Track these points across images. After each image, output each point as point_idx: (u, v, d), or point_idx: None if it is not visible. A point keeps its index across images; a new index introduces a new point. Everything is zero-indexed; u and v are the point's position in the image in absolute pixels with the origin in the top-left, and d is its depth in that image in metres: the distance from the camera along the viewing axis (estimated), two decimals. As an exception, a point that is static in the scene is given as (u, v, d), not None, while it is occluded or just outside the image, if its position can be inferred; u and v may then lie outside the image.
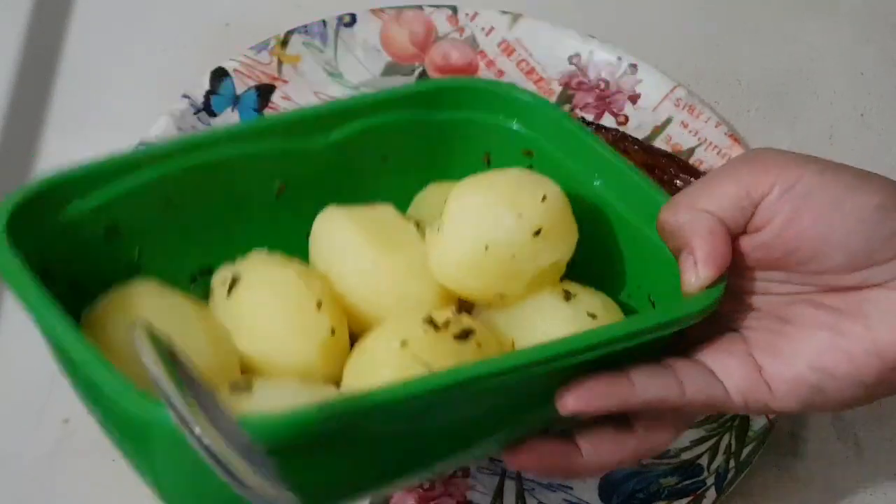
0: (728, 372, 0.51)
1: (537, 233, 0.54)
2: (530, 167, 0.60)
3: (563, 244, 0.56)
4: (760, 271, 0.52)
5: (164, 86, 0.81)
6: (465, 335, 0.53)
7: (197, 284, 0.57)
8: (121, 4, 0.88)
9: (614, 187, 0.58)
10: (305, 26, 0.81)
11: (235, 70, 0.79)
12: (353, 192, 0.60)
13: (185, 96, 0.77)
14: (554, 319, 0.56)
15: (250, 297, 0.54)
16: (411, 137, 0.61)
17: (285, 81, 0.80)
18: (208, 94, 0.78)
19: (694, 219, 0.51)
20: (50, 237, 0.51)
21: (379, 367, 0.52)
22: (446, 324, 0.53)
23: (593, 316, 0.56)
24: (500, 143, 0.62)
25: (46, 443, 0.70)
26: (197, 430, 0.37)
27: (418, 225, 0.59)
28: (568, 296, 0.57)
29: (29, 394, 0.71)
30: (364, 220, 0.58)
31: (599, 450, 0.51)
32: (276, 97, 0.79)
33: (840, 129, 0.82)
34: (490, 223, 0.55)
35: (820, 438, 0.71)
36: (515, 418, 0.52)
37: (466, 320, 0.54)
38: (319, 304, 0.54)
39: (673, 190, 0.72)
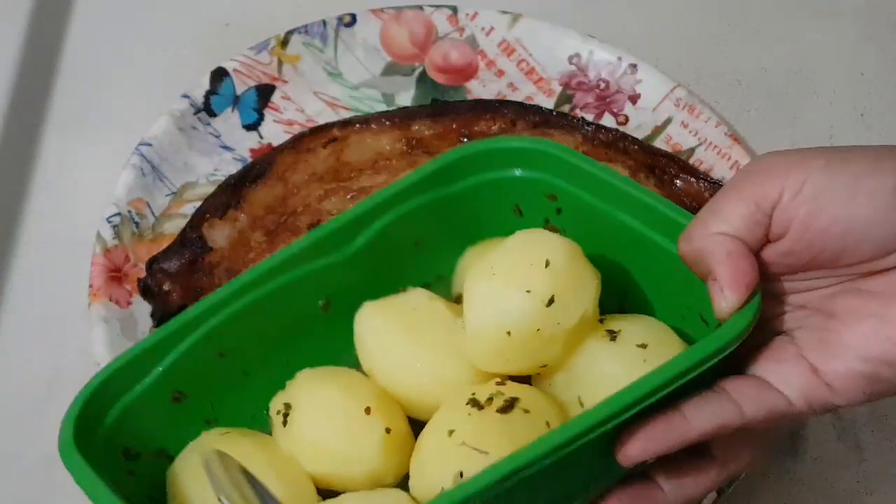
0: (785, 380, 0.51)
1: (551, 301, 0.54)
2: (558, 210, 0.61)
3: (583, 296, 0.56)
4: (796, 273, 0.52)
5: (164, 86, 0.81)
6: (509, 407, 0.53)
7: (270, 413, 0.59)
8: (121, 4, 0.88)
9: (641, 217, 0.57)
10: (305, 26, 0.81)
11: (235, 70, 0.79)
12: (393, 281, 0.61)
13: (185, 96, 0.77)
14: (607, 362, 0.56)
15: (305, 421, 0.56)
16: (438, 215, 0.61)
17: (285, 81, 0.80)
18: (208, 94, 0.78)
19: (710, 245, 0.50)
20: (121, 420, 0.55)
21: (434, 461, 0.54)
22: (490, 399, 0.53)
23: (643, 346, 0.56)
24: (526, 193, 0.62)
25: (46, 443, 0.70)
26: None
27: (458, 300, 0.60)
28: (612, 335, 0.57)
29: (29, 394, 0.71)
30: (397, 311, 0.59)
31: (682, 483, 0.52)
32: (276, 97, 0.79)
33: (840, 129, 0.82)
34: (503, 309, 0.54)
35: (820, 438, 0.71)
36: (586, 482, 0.52)
37: (511, 389, 0.54)
38: (368, 410, 0.56)
39: (673, 190, 0.73)
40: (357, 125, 0.75)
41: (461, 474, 0.51)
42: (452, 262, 0.64)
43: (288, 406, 0.57)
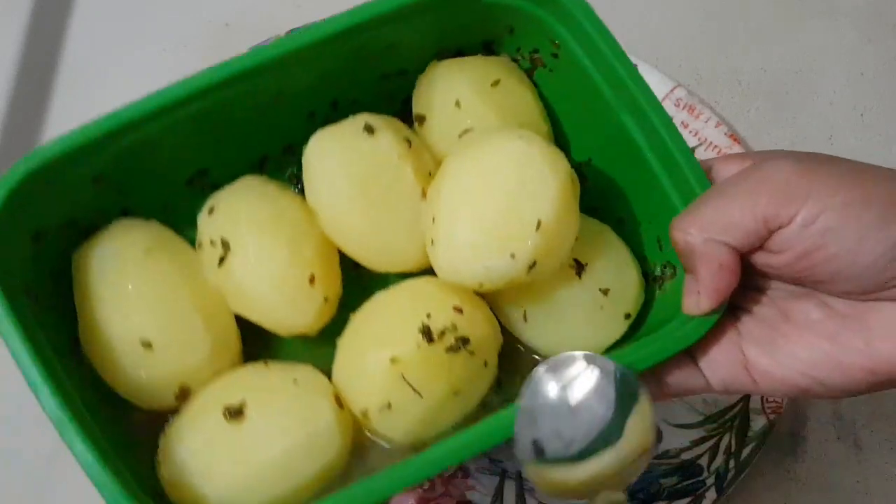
0: (713, 365, 0.52)
1: (532, 266, 0.52)
2: (554, 56, 0.57)
3: (565, 250, 0.54)
4: (768, 276, 0.52)
5: (164, 86, 0.80)
6: (457, 347, 0.53)
7: (193, 186, 0.57)
8: (121, 4, 0.88)
9: (640, 124, 0.54)
10: (305, 26, 0.81)
11: (235, 70, 0.79)
12: (355, 87, 0.58)
13: (185, 96, 0.77)
14: (567, 302, 0.56)
15: (243, 271, 0.54)
16: (422, 17, 0.56)
17: (285, 81, 0.80)
18: (208, 94, 0.78)
19: (706, 249, 0.49)
20: (44, 198, 0.51)
21: (369, 380, 0.53)
22: (442, 333, 0.52)
23: (605, 291, 0.56)
24: (527, 26, 0.58)
25: (46, 443, 0.70)
26: None
27: (420, 120, 0.58)
28: (579, 270, 0.56)
29: (29, 394, 0.71)
30: (356, 159, 0.55)
31: None
32: (276, 97, 0.79)
33: (840, 129, 0.82)
34: (482, 265, 0.52)
35: (820, 438, 0.71)
36: None
37: (466, 324, 0.53)
38: (312, 279, 0.54)
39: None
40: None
41: (389, 405, 0.52)
42: (422, 64, 0.60)
43: (226, 246, 0.54)
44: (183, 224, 0.57)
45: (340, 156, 0.55)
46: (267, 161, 0.59)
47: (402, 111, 0.61)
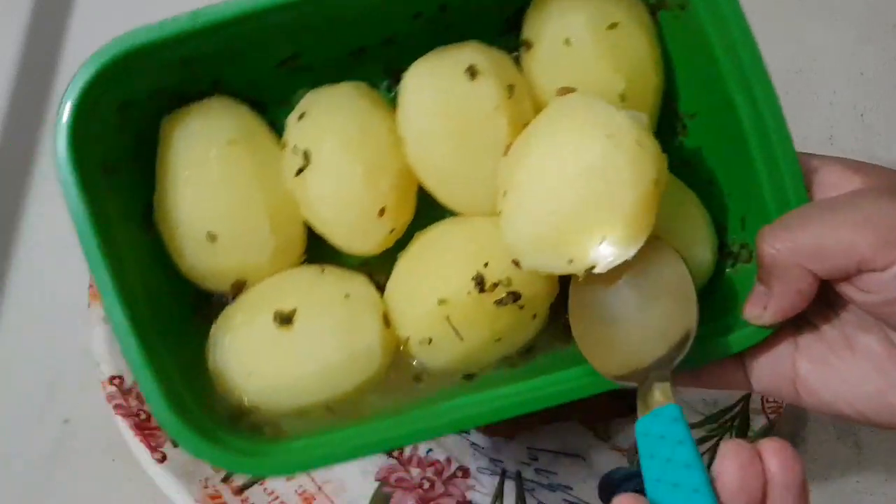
0: (760, 373, 0.51)
1: (590, 269, 0.50)
2: (681, 7, 0.53)
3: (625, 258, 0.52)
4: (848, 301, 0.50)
5: None
6: (507, 301, 0.52)
7: (284, 67, 0.56)
8: (121, 4, 0.88)
9: (748, 103, 0.52)
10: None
11: (235, 70, 0.79)
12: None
13: (185, 96, 0.77)
14: None
15: (317, 190, 0.53)
16: None
17: (285, 81, 0.79)
18: (208, 94, 0.78)
19: (789, 271, 0.48)
20: (132, 74, 0.52)
21: (415, 312, 0.53)
22: (495, 286, 0.52)
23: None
24: None
25: (46, 443, 0.70)
26: None
27: (527, 45, 0.55)
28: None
29: (29, 394, 0.72)
30: (453, 103, 0.53)
31: None
32: (276, 97, 0.79)
33: (840, 129, 0.82)
34: (537, 262, 0.51)
35: (820, 438, 0.71)
36: None
37: (520, 281, 0.53)
38: (382, 211, 0.53)
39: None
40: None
41: (430, 340, 0.53)
42: None
43: (307, 158, 0.53)
44: (270, 103, 0.57)
45: (437, 94, 0.53)
46: (365, 51, 0.57)
47: (516, 21, 0.57)
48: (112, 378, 0.68)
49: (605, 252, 0.49)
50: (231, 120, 0.54)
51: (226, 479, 0.67)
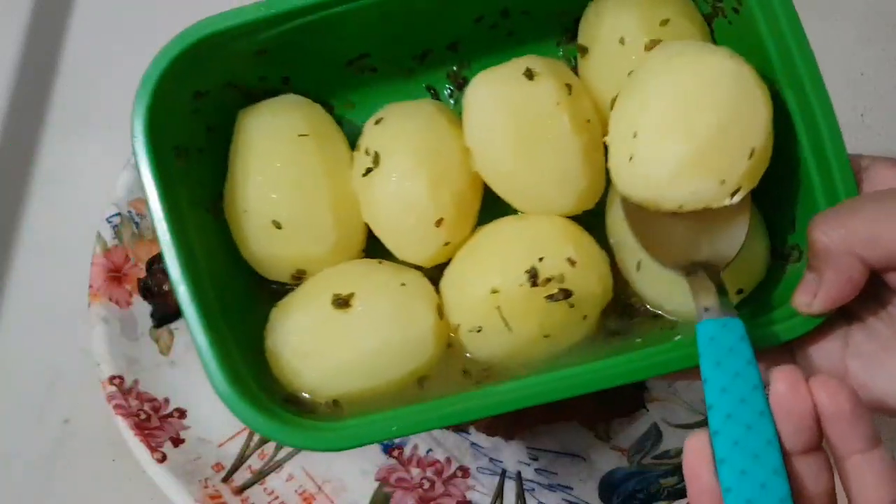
0: (808, 366, 0.51)
1: (734, 193, 0.51)
2: (735, 11, 0.54)
3: (758, 177, 0.52)
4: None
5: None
6: (558, 297, 0.53)
7: (352, 67, 0.59)
8: (120, 5, 0.88)
9: (800, 106, 0.53)
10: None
11: (235, 70, 0.79)
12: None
13: (185, 96, 0.77)
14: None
15: (381, 194, 0.55)
16: None
17: (285, 81, 0.80)
18: (208, 94, 0.78)
19: (842, 259, 0.47)
20: (207, 63, 0.55)
21: (468, 300, 0.54)
22: (546, 281, 0.53)
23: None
24: None
25: (46, 443, 0.70)
26: None
27: (583, 51, 0.57)
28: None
29: (29, 394, 0.72)
30: (515, 106, 0.54)
31: None
32: (276, 97, 0.79)
33: (840, 129, 0.82)
34: (687, 189, 0.50)
35: (820, 438, 0.71)
36: None
37: (575, 278, 0.53)
38: (440, 222, 0.55)
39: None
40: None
41: (479, 329, 0.54)
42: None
43: (377, 160, 0.55)
44: (336, 105, 0.59)
45: (499, 99, 0.55)
46: (429, 54, 0.59)
47: (574, 29, 0.59)
48: (112, 378, 0.68)
49: (752, 168, 0.50)
50: (303, 115, 0.56)
51: (226, 480, 0.67)
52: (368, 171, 0.55)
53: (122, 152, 0.75)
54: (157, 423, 0.67)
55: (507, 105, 0.54)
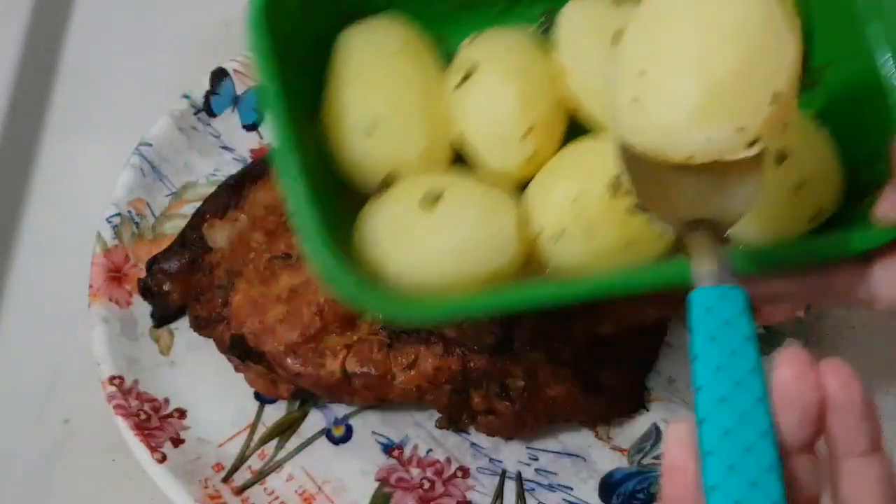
0: (889, 282, 0.50)
1: (752, 143, 0.46)
2: None
3: (782, 128, 0.49)
4: None
5: (164, 86, 0.81)
6: (635, 212, 0.53)
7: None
8: (121, 4, 0.88)
9: (887, 44, 0.52)
10: None
11: (235, 70, 0.79)
12: None
13: (185, 96, 0.77)
14: (757, 184, 0.49)
15: (471, 104, 0.58)
16: None
17: (285, 81, 0.80)
18: (208, 94, 0.78)
19: None
20: None
21: (550, 207, 0.56)
22: (629, 191, 0.51)
23: (800, 186, 0.53)
24: None
25: (46, 443, 0.70)
26: None
27: None
28: (781, 159, 0.53)
29: (29, 394, 0.72)
30: (605, 24, 0.56)
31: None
32: (276, 97, 0.80)
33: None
34: (701, 136, 0.46)
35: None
36: None
37: None
38: (529, 131, 0.57)
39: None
40: (357, 125, 0.75)
41: (560, 235, 0.55)
42: None
43: (470, 71, 0.58)
44: (434, 26, 0.62)
45: (590, 20, 0.58)
46: None
47: None
48: (112, 378, 0.68)
49: (774, 115, 0.46)
50: (400, 33, 0.60)
51: (226, 480, 0.67)
52: (462, 81, 0.58)
53: (122, 152, 0.75)
54: (157, 423, 0.67)
55: (599, 26, 0.57)
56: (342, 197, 0.58)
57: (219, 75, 0.79)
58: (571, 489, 0.67)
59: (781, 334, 0.70)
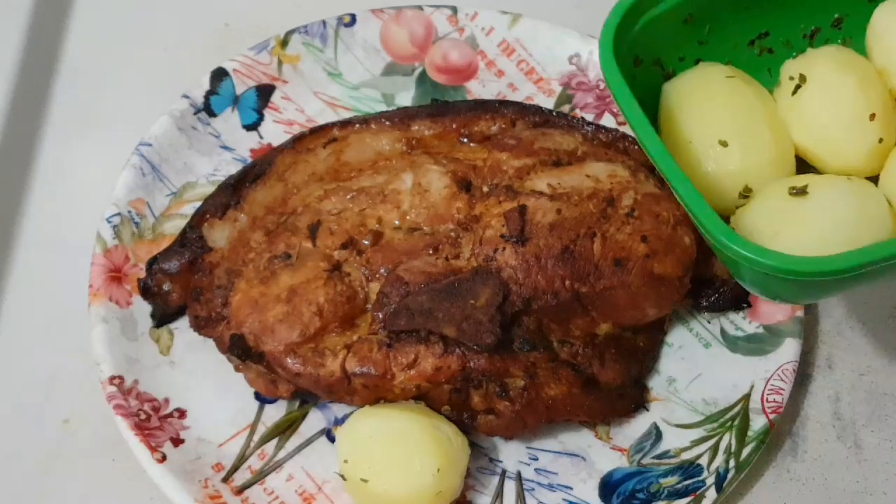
0: None
1: None
2: None
3: None
4: None
5: (164, 86, 0.81)
6: None
7: (753, 47, 0.67)
8: (121, 4, 0.88)
9: None
10: (305, 26, 0.81)
11: (235, 70, 0.79)
12: None
13: (185, 96, 0.77)
14: None
15: (812, 101, 0.63)
16: None
17: (285, 82, 0.80)
18: (208, 94, 0.78)
19: None
20: (640, 31, 0.64)
21: None
22: None
23: None
24: None
25: (46, 443, 0.70)
26: None
27: None
28: None
29: (29, 394, 0.72)
30: None
31: None
32: (276, 97, 0.80)
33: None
34: None
35: (820, 438, 0.71)
36: None
37: None
38: (873, 116, 0.61)
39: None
40: (357, 125, 0.75)
41: None
42: None
43: (803, 78, 0.63)
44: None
45: None
46: (817, 34, 0.67)
47: None
48: (112, 378, 0.68)
49: None
50: (723, 68, 0.66)
51: (226, 480, 0.67)
52: (796, 89, 0.63)
53: (122, 152, 0.75)
54: (157, 423, 0.67)
55: None
56: None
57: (219, 75, 0.79)
58: (571, 489, 0.67)
59: (782, 334, 0.70)
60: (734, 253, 0.55)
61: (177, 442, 0.67)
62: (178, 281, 0.70)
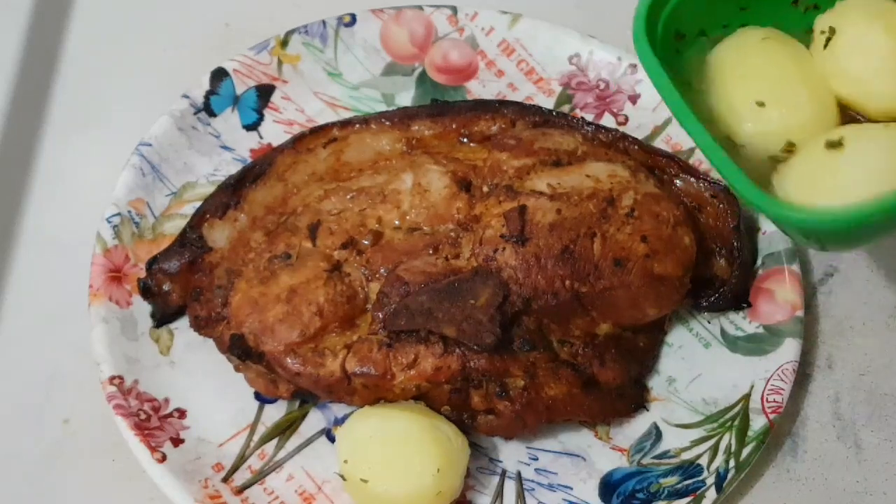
0: None
1: None
2: None
3: None
4: None
5: (164, 86, 0.81)
6: None
7: (798, 6, 0.67)
8: (121, 4, 0.88)
9: None
10: (305, 26, 0.81)
11: (235, 70, 0.79)
12: None
13: (185, 96, 0.77)
14: None
15: (843, 51, 0.63)
16: None
17: (285, 82, 0.80)
18: (208, 94, 0.78)
19: None
20: (676, 7, 0.64)
21: None
22: None
23: None
24: None
25: (46, 443, 0.70)
26: None
27: None
28: None
29: (29, 394, 0.72)
30: None
31: None
32: (275, 97, 0.80)
33: (840, 129, 0.82)
34: None
35: (820, 438, 0.71)
36: None
37: None
38: None
39: (672, 190, 0.72)
40: (357, 125, 0.75)
41: None
42: None
43: (832, 30, 0.64)
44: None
45: None
46: None
47: None
48: (112, 378, 0.68)
49: None
50: (759, 30, 0.66)
51: (226, 480, 0.67)
52: (828, 41, 0.64)
53: (122, 152, 0.75)
54: (157, 423, 0.67)
55: None
56: None
57: (219, 75, 0.79)
58: (571, 489, 0.67)
59: (782, 334, 0.70)
60: (764, 212, 0.57)
61: (177, 442, 0.67)
62: (178, 281, 0.71)
